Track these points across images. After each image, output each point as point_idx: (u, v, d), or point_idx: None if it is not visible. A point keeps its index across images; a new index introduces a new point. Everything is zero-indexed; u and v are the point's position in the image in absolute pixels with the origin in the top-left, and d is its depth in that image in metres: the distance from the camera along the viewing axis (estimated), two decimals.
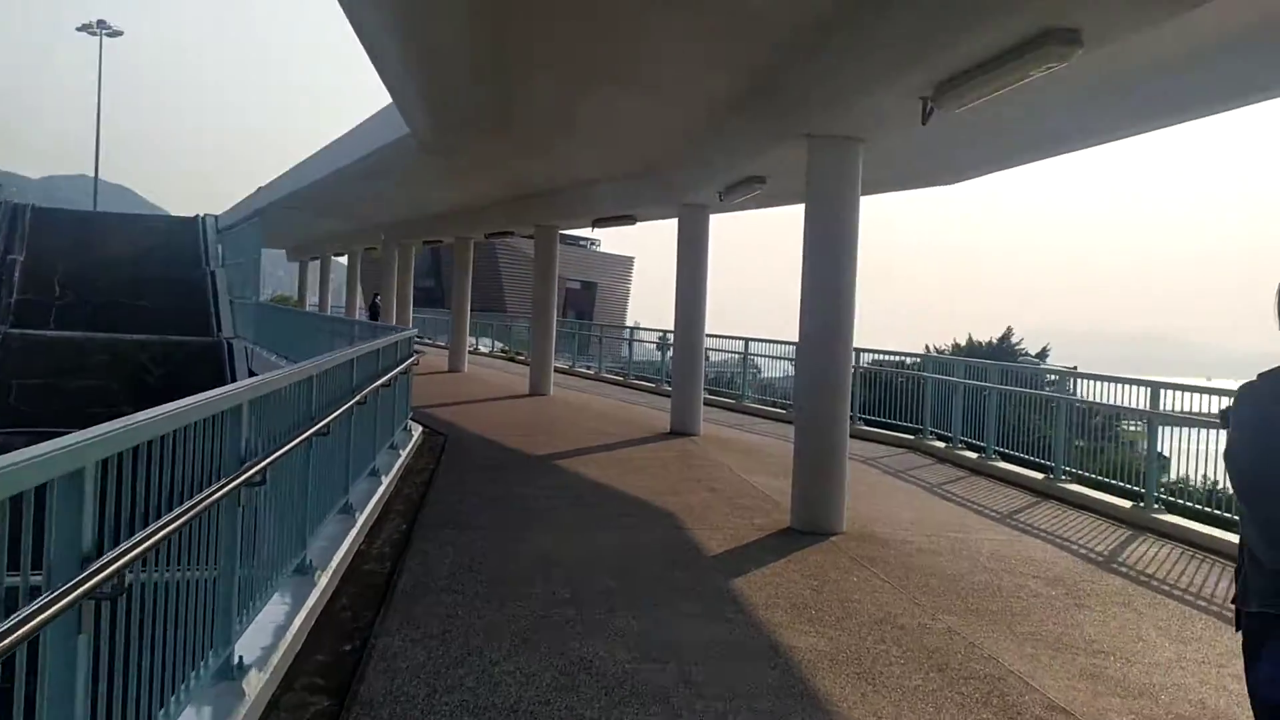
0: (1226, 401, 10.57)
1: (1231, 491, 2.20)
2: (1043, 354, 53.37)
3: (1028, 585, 7.77)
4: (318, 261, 47.08)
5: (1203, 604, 7.57)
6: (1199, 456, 10.65)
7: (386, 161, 18.75)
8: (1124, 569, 8.56)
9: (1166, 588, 7.99)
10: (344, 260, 42.67)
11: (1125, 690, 5.65)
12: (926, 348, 55.24)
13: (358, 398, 8.27)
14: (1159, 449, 10.78)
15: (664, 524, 9.41)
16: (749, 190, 12.60)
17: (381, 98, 15.23)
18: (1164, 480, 10.90)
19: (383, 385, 9.90)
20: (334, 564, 7.08)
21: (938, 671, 5.75)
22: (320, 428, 6.69)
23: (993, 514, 10.83)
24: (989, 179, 14.67)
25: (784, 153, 10.16)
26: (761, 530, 9.28)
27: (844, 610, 6.87)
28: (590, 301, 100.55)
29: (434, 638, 5.95)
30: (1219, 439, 10.71)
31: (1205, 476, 10.64)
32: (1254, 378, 1.99)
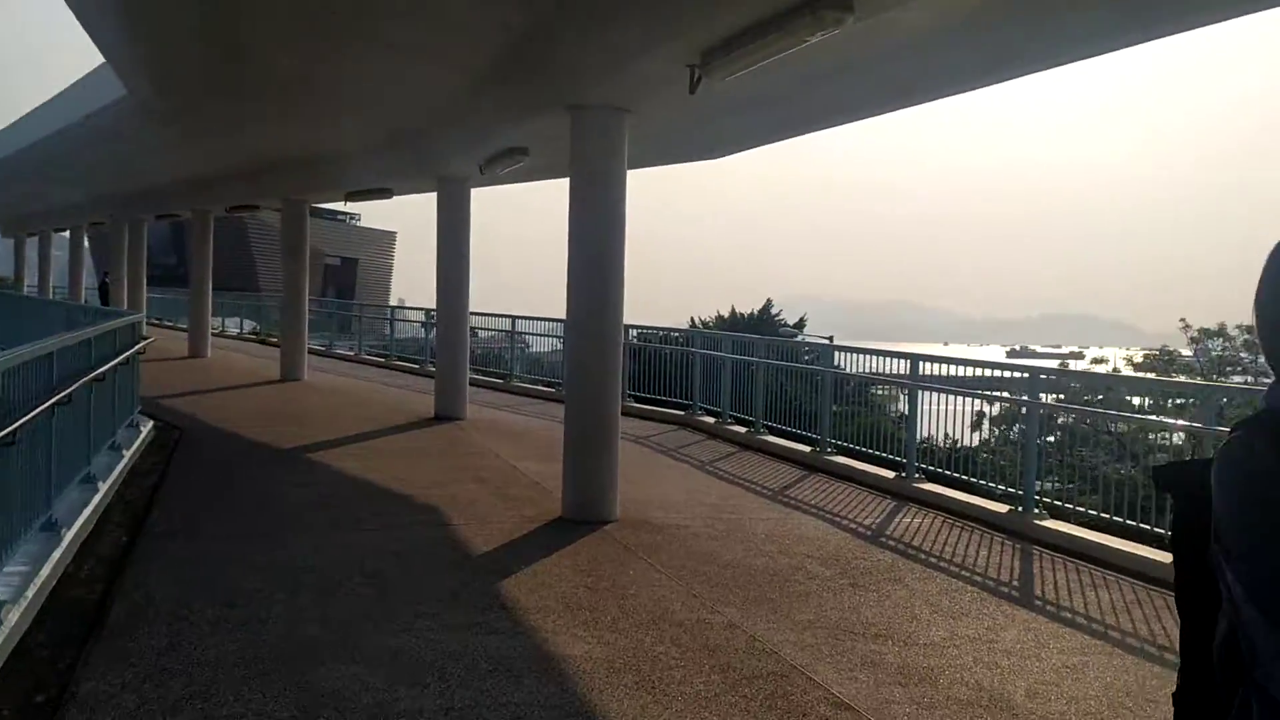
0: (968, 371, 11.20)
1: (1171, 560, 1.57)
2: (801, 324, 55.64)
3: (804, 566, 7.63)
4: (36, 238, 42.57)
5: (966, 574, 7.67)
6: (945, 417, 11.01)
7: (105, 125, 16.81)
8: (892, 542, 8.62)
9: (933, 560, 8.07)
10: (68, 235, 38.74)
11: (906, 676, 5.51)
12: (692, 321, 56.44)
13: (59, 396, 7.12)
14: (919, 423, 11.05)
15: (428, 522, 8.72)
16: (511, 162, 11.98)
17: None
18: (921, 443, 11.20)
19: (95, 379, 8.66)
20: (29, 594, 6.01)
21: (720, 673, 5.41)
22: (3, 436, 5.63)
23: (764, 491, 10.78)
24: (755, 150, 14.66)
25: (547, 123, 9.62)
26: (533, 522, 8.77)
27: (620, 609, 6.45)
28: (351, 278, 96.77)
29: (150, 677, 5.08)
30: (963, 404, 11.09)
31: (947, 435, 11.02)
32: (1234, 430, 1.36)
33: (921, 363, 11.15)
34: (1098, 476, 9.57)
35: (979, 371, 11.04)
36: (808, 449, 12.80)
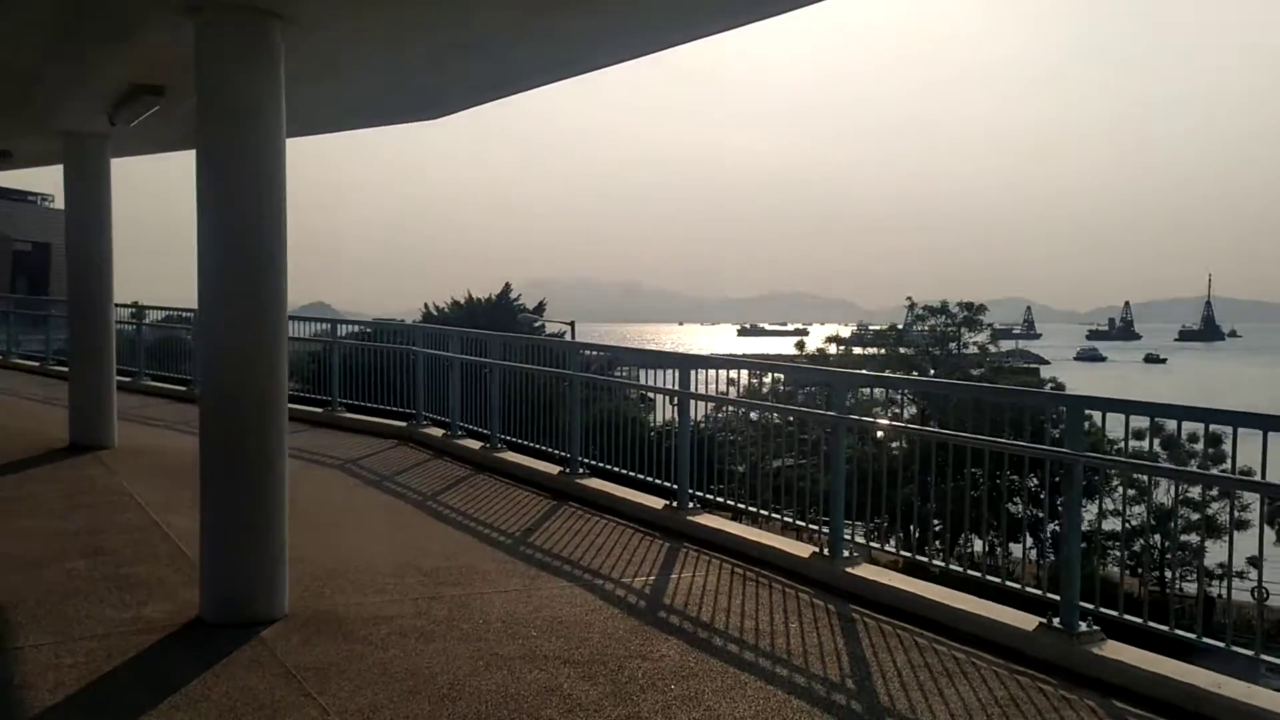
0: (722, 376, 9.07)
1: None
2: (540, 308, 53.51)
3: (558, 685, 5.19)
4: None
5: (782, 673, 5.49)
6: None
7: None
8: (676, 618, 6.36)
9: (734, 648, 5.86)
10: None
11: None
12: (426, 307, 52.96)
13: None
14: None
15: None
16: (146, 107, 8.80)
17: None
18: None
19: None
20: None
21: None
22: None
23: (504, 539, 8.29)
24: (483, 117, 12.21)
25: (167, 40, 6.60)
26: (152, 632, 5.84)
27: None
28: (44, 266, 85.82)
29: None
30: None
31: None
32: None
33: (695, 369, 8.99)
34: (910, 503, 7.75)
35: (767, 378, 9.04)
36: (556, 470, 10.42)
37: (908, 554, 6.94)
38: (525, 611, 6.36)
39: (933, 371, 50.37)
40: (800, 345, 61.33)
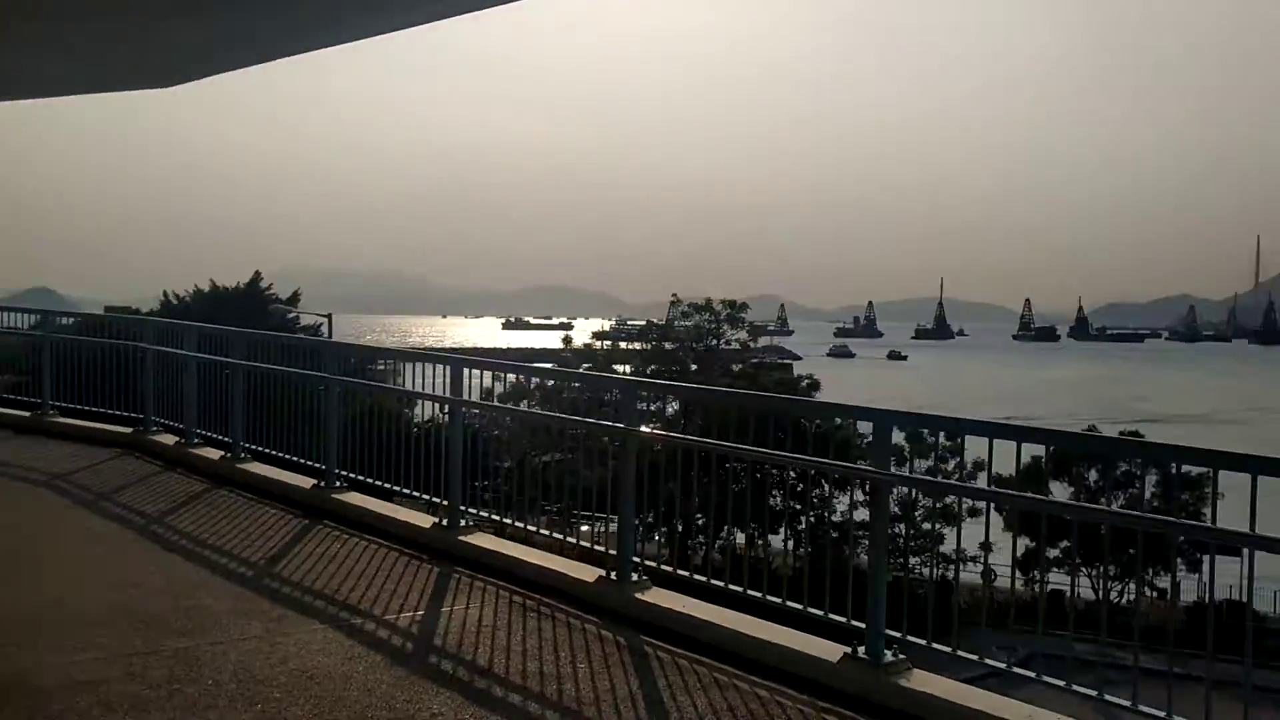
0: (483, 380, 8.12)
1: None
2: (295, 298, 50.58)
3: None
4: None
5: None
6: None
7: None
8: (448, 663, 5.55)
9: (517, 699, 5.12)
10: None
11: None
12: (165, 295, 48.93)
13: None
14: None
15: None
16: None
17: None
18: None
19: None
20: None
21: None
22: None
23: (244, 570, 7.18)
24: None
25: None
26: None
27: None
28: None
29: None
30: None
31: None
32: None
33: (468, 370, 8.16)
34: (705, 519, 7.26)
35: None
36: (311, 483, 9.32)
37: (702, 579, 6.41)
38: (267, 666, 5.37)
39: (694, 367, 51.55)
40: (567, 340, 61.24)
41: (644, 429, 6.70)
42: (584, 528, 7.46)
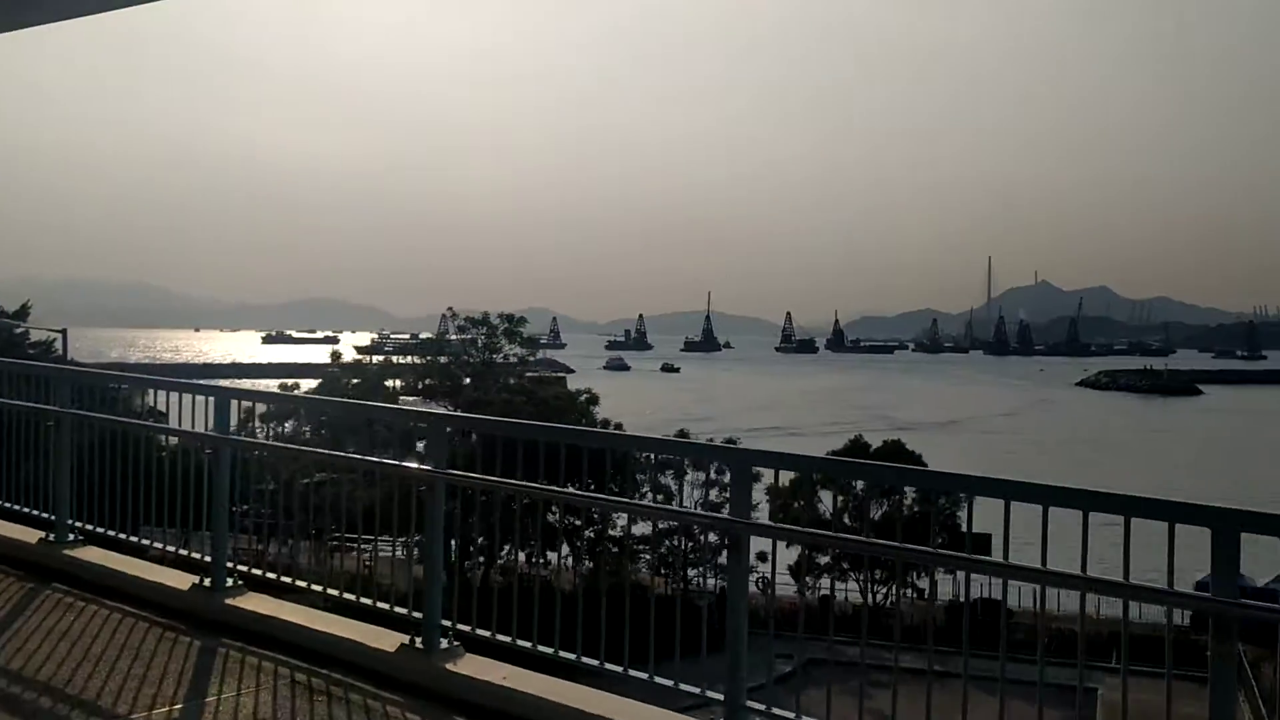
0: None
1: None
2: (24, 311, 45.53)
3: None
4: None
5: None
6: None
7: None
8: None
9: None
10: None
11: None
12: None
13: None
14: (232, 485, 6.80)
15: None
16: None
17: None
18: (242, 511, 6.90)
19: None
20: None
21: None
22: None
23: None
24: None
25: None
26: None
27: None
28: None
29: None
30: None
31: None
32: None
33: (238, 401, 6.93)
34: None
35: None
36: (36, 537, 7.77)
37: (526, 644, 5.51)
38: None
39: (467, 380, 50.17)
40: (336, 355, 58.12)
41: (454, 472, 5.75)
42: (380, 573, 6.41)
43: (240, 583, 6.67)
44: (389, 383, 51.23)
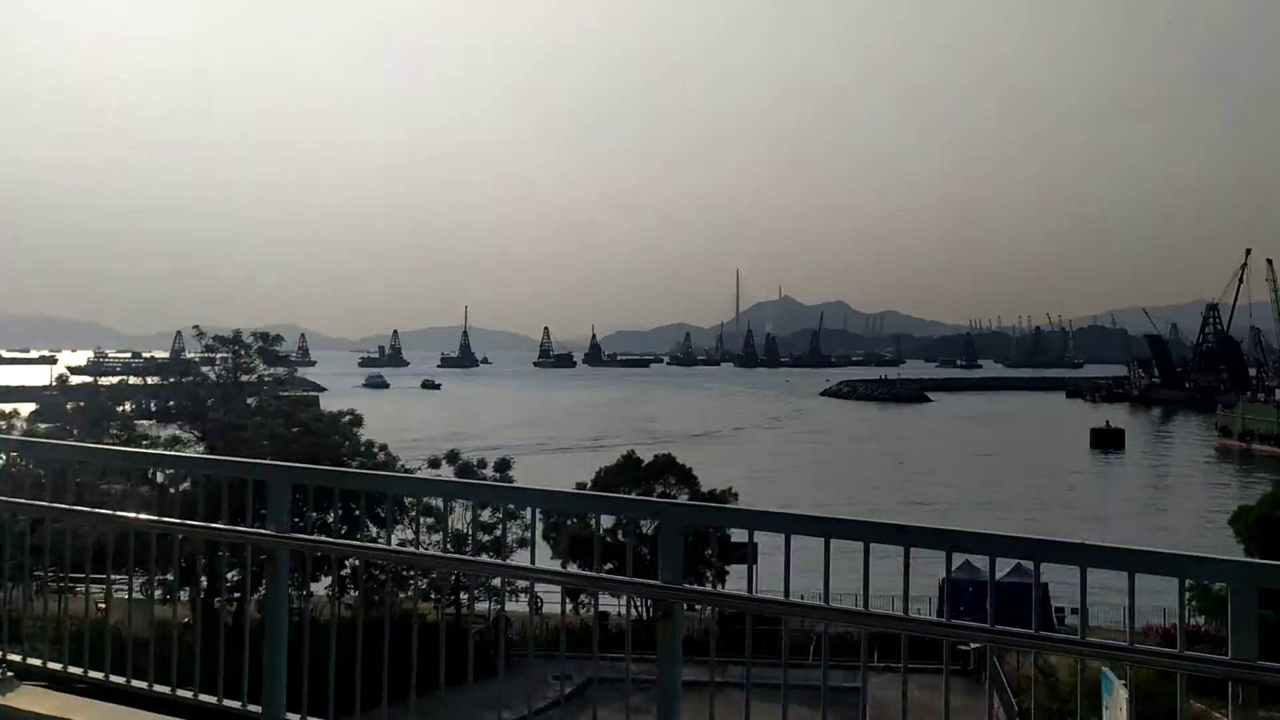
0: None
1: None
2: None
3: None
4: None
5: None
6: None
7: None
8: None
9: None
10: None
11: None
12: None
13: None
14: None
15: None
16: None
17: None
18: None
19: None
20: None
21: None
22: None
23: None
24: None
25: None
26: None
27: None
28: None
29: None
30: None
31: None
32: None
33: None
34: None
35: None
36: None
37: None
38: None
39: (210, 401, 46.53)
40: (63, 379, 52.69)
41: (299, 536, 4.84)
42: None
43: (11, 674, 5.44)
44: (121, 406, 46.80)
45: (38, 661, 5.29)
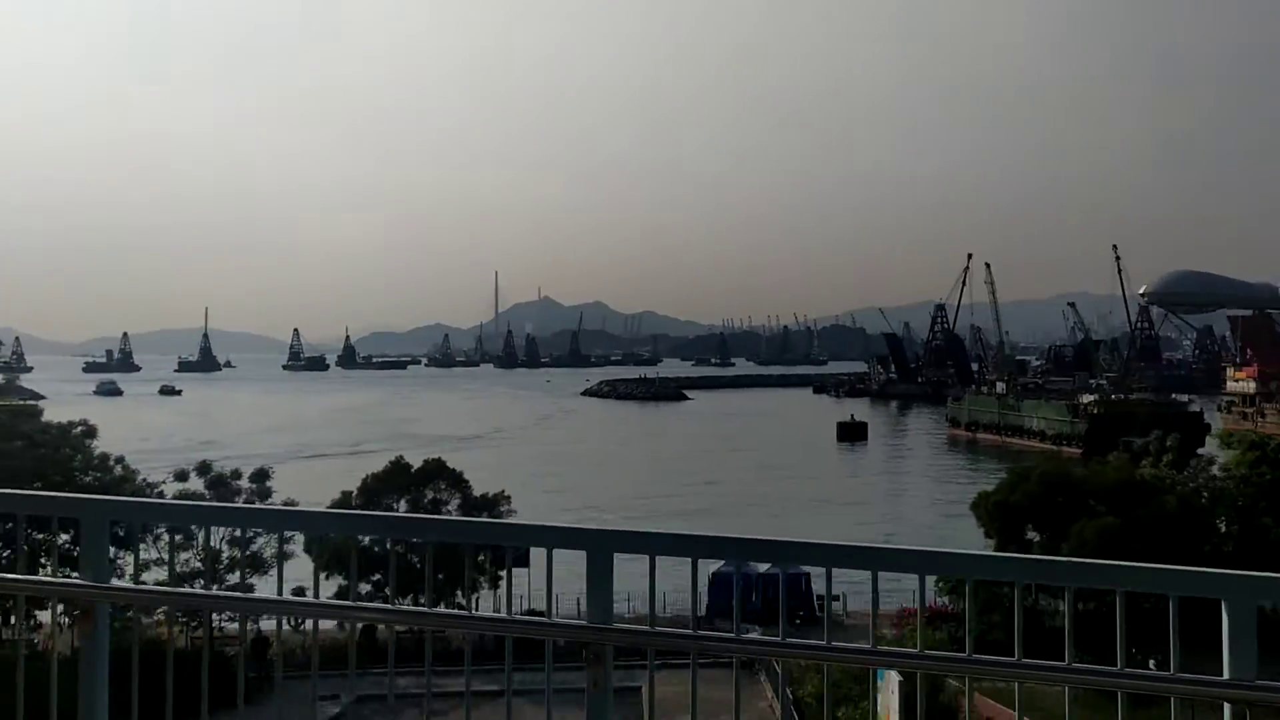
0: None
1: None
2: None
3: None
4: None
5: None
6: None
7: None
8: None
9: None
10: None
11: None
12: None
13: None
14: None
15: None
16: None
17: None
18: None
19: None
20: None
21: None
22: None
23: None
24: None
25: None
26: None
27: None
28: None
29: None
30: None
31: None
32: None
33: None
34: None
35: None
36: None
37: None
38: None
39: None
40: None
41: (121, 586, 3.81)
42: None
43: None
44: None
45: None
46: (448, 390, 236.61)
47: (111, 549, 3.84)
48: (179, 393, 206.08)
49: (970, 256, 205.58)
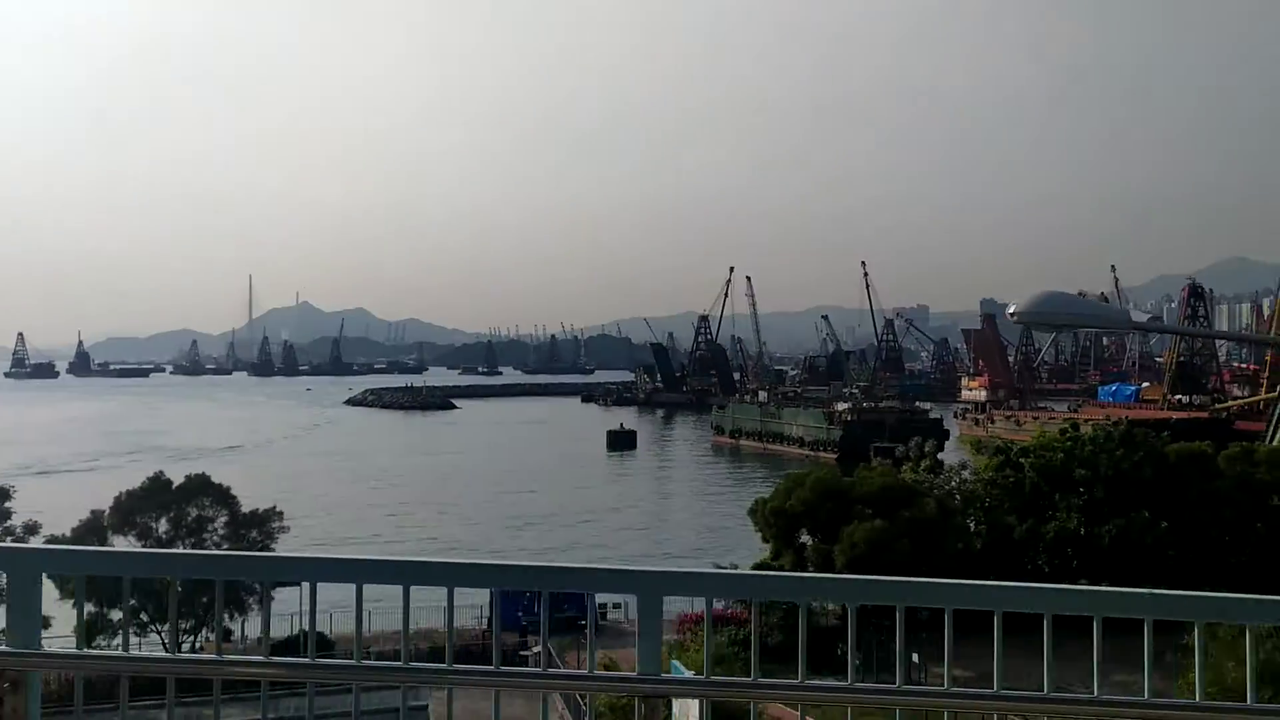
0: None
1: None
2: None
3: None
4: None
5: None
6: None
7: None
8: None
9: None
10: None
11: None
12: None
13: None
14: None
15: None
16: None
17: None
18: None
19: None
20: None
21: None
22: None
23: None
24: None
25: None
26: None
27: None
28: None
29: None
30: None
31: None
32: None
33: None
34: None
35: None
36: None
37: None
38: None
39: None
40: None
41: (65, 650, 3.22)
42: None
43: None
44: None
45: None
46: (198, 399, 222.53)
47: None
48: None
49: (732, 270, 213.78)
